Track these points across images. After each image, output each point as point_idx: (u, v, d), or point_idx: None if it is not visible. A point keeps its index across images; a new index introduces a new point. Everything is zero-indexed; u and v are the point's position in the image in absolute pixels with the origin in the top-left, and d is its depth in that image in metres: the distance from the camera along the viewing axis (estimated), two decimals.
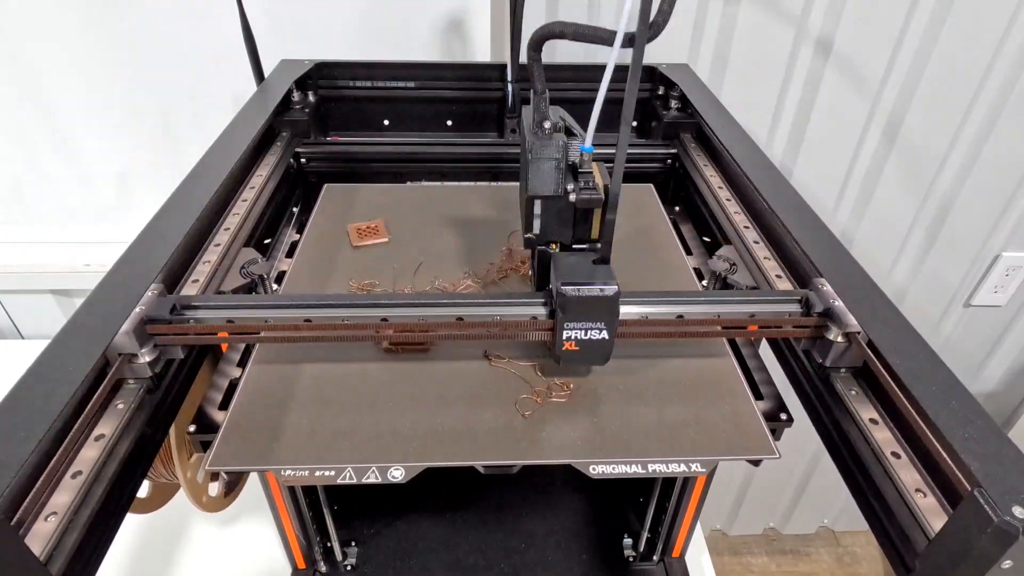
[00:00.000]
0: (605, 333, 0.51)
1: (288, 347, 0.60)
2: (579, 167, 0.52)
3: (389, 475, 0.48)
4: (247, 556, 0.94)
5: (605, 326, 0.51)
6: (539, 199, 0.52)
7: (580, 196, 0.51)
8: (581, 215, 0.53)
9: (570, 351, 0.52)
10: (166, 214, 0.63)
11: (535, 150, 0.50)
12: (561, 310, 0.50)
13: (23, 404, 0.42)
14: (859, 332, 0.50)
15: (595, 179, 0.52)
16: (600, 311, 0.50)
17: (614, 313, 0.50)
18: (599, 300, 0.49)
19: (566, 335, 0.51)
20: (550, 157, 0.51)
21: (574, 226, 0.53)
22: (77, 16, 1.03)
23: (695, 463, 0.50)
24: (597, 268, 0.52)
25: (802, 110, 1.16)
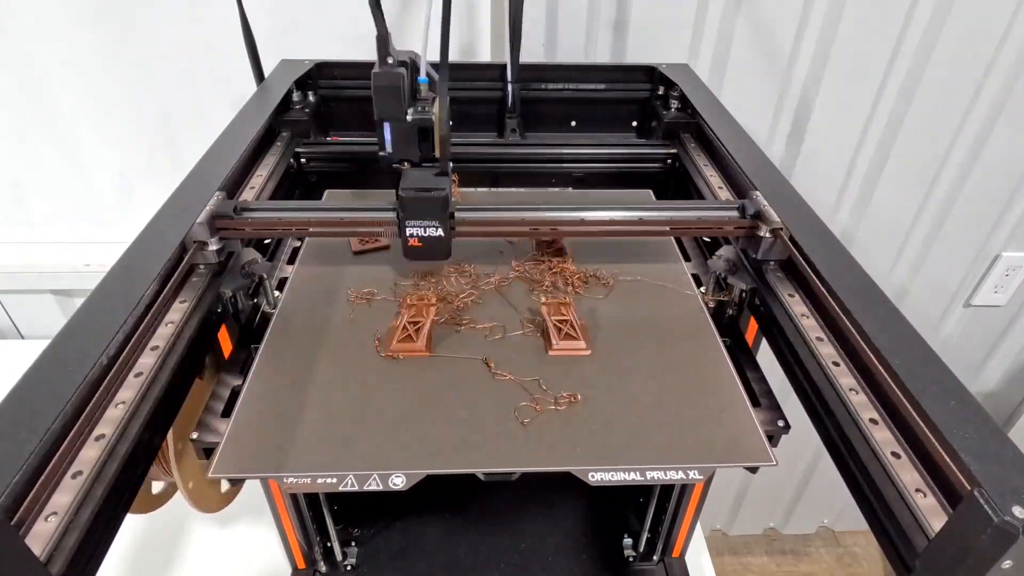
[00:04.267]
0: (440, 230, 0.62)
1: (289, 353, 0.60)
2: (417, 95, 0.63)
3: (390, 482, 0.49)
4: (247, 556, 0.94)
5: (439, 224, 0.62)
6: (386, 121, 0.62)
7: (415, 117, 0.62)
8: (421, 135, 0.63)
9: (414, 247, 0.63)
10: (170, 209, 0.63)
11: (377, 79, 0.60)
12: (402, 210, 0.61)
13: (23, 404, 0.42)
14: (782, 228, 0.62)
15: (431, 107, 0.62)
16: (433, 210, 0.61)
17: (445, 212, 0.61)
18: (431, 200, 0.61)
19: (409, 232, 0.62)
20: (391, 84, 0.60)
21: (419, 145, 0.63)
22: (77, 16, 1.03)
23: (693, 470, 0.50)
24: (436, 179, 0.62)
25: (802, 110, 1.15)
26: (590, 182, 0.93)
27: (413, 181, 0.62)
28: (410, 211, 0.61)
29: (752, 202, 0.66)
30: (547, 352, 0.61)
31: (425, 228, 0.62)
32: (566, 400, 0.56)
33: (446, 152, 0.61)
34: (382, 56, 0.60)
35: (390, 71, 0.60)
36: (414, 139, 0.63)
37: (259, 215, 0.65)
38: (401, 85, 0.60)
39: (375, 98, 0.61)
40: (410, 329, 0.61)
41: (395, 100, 0.61)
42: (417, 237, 0.62)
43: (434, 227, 0.62)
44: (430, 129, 0.62)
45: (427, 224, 0.61)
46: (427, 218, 0.61)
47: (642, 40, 1.08)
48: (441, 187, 0.61)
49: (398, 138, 0.63)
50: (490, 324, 0.64)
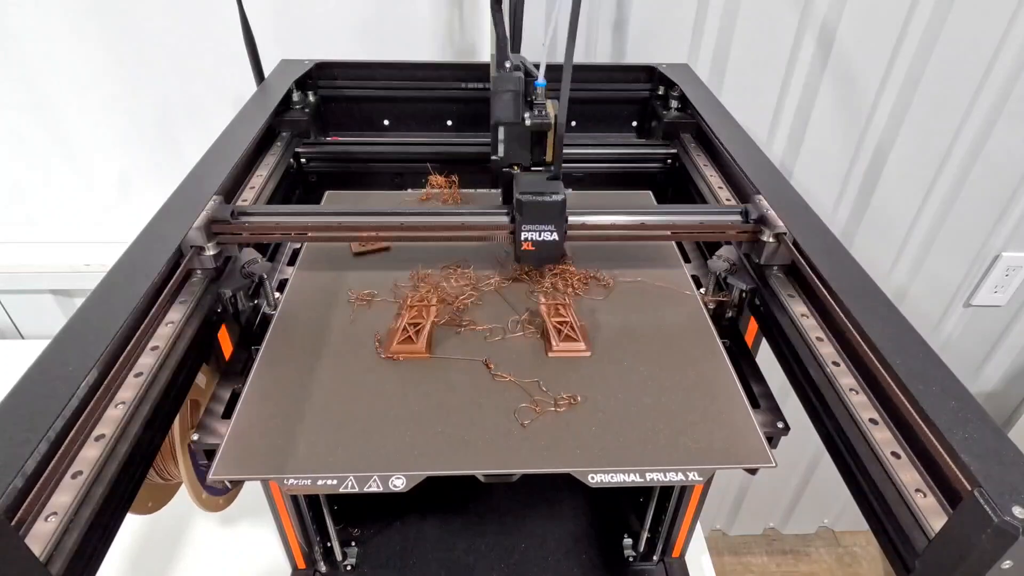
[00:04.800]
0: (555, 235, 0.62)
1: (290, 355, 0.60)
2: (534, 99, 0.62)
3: (391, 484, 0.49)
4: (247, 556, 0.94)
5: (555, 228, 0.62)
6: (502, 126, 0.63)
7: (534, 121, 0.62)
8: (536, 139, 0.63)
9: (528, 251, 0.63)
10: (167, 213, 0.63)
11: (497, 84, 0.60)
12: (519, 213, 0.61)
13: (23, 404, 0.42)
14: (786, 233, 0.61)
15: (547, 110, 0.62)
16: (551, 215, 0.61)
17: (562, 216, 0.61)
18: (550, 205, 0.61)
19: (524, 235, 0.62)
20: (509, 89, 0.60)
21: (531, 149, 0.64)
22: (77, 16, 1.03)
23: (692, 472, 0.50)
24: (550, 183, 0.62)
25: (802, 110, 1.15)
26: (590, 182, 0.93)
27: (528, 185, 0.61)
28: (528, 215, 0.61)
29: (755, 206, 0.65)
30: (547, 354, 0.61)
31: (540, 232, 0.62)
32: (566, 401, 0.56)
33: (560, 157, 0.62)
34: (501, 59, 0.60)
35: (509, 75, 0.60)
36: (527, 143, 0.63)
37: (257, 219, 0.64)
38: (520, 89, 0.61)
39: (494, 102, 0.61)
40: (410, 330, 0.61)
41: (514, 104, 0.61)
42: (531, 241, 0.62)
43: (549, 231, 0.62)
44: (545, 133, 0.62)
45: (543, 228, 0.62)
46: (544, 222, 0.61)
47: (642, 40, 1.08)
48: (557, 191, 0.61)
49: (512, 142, 0.63)
50: (490, 325, 0.64)
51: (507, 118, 0.62)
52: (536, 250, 0.63)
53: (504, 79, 0.60)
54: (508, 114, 0.62)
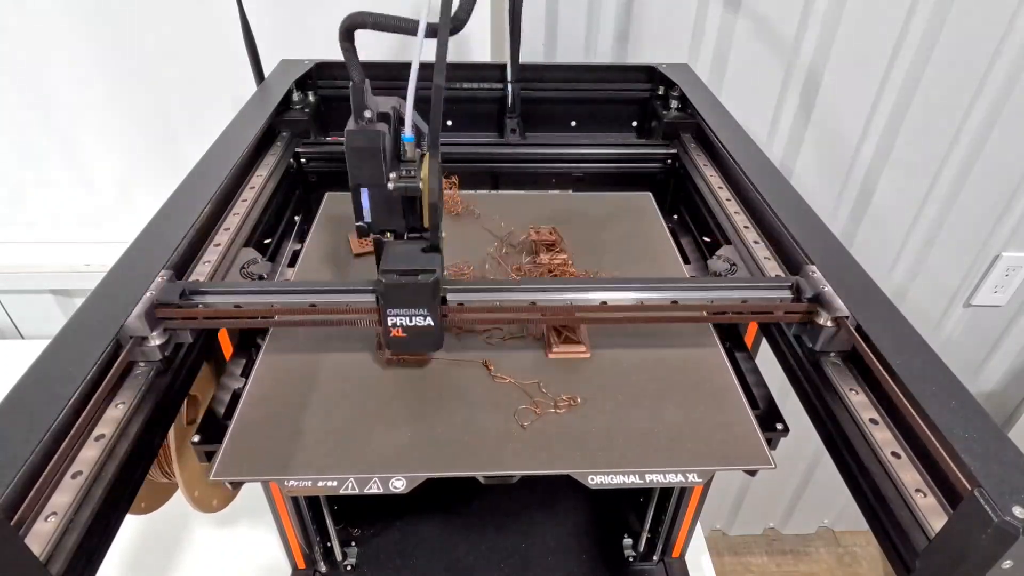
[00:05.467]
0: (430, 319, 0.52)
1: (291, 355, 0.60)
2: (402, 156, 0.53)
3: (391, 485, 0.49)
4: (247, 556, 0.94)
5: (428, 312, 0.52)
6: (363, 187, 0.52)
7: (397, 184, 0.51)
8: (407, 204, 0.53)
9: (397, 338, 0.53)
10: (168, 212, 0.63)
11: (350, 138, 0.50)
12: (382, 298, 0.51)
13: (23, 404, 0.42)
14: (847, 317, 0.51)
15: (420, 169, 0.52)
16: (422, 298, 0.51)
17: (435, 299, 0.51)
18: (419, 287, 0.51)
19: (391, 322, 0.52)
20: (364, 146, 0.50)
21: (404, 214, 0.54)
22: (77, 16, 1.03)
23: (692, 473, 0.50)
24: (424, 256, 0.53)
25: (802, 110, 1.16)
26: (590, 182, 0.93)
27: (396, 259, 0.52)
28: (392, 298, 0.51)
29: (808, 281, 0.55)
30: (547, 355, 0.61)
31: (411, 317, 0.52)
32: (566, 403, 0.56)
33: (437, 223, 0.52)
34: (358, 109, 0.50)
35: (367, 129, 0.50)
36: (397, 207, 0.53)
37: (214, 299, 0.54)
38: (381, 145, 0.50)
39: (349, 161, 0.51)
40: None
41: (374, 164, 0.51)
42: (401, 327, 0.52)
43: (422, 315, 0.52)
44: (417, 197, 0.53)
45: (413, 313, 0.52)
46: (413, 306, 0.52)
47: (642, 40, 1.08)
48: (431, 268, 0.51)
49: (378, 207, 0.53)
50: (490, 327, 0.64)
51: (365, 179, 0.52)
52: (408, 337, 0.53)
53: (360, 133, 0.50)
54: (366, 175, 0.51)
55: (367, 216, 0.54)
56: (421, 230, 0.55)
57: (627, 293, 0.56)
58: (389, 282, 0.51)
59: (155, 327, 0.51)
